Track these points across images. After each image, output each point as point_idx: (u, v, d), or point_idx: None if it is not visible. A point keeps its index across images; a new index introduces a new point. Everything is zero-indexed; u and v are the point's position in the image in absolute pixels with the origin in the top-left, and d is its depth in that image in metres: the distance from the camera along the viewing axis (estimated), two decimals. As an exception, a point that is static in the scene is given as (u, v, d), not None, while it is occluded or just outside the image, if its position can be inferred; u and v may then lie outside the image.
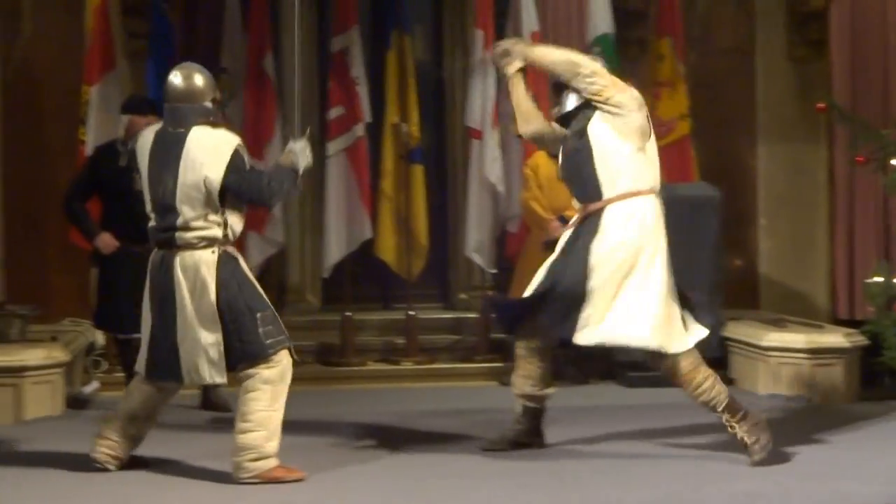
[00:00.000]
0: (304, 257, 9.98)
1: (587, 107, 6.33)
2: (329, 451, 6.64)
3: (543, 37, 9.27)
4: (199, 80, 6.07)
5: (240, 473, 5.89)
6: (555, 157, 6.62)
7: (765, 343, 8.45)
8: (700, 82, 9.96)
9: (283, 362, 5.98)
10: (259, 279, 9.04)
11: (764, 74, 10.22)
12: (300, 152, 6.08)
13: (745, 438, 6.18)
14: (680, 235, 8.50)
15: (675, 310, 6.23)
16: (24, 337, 8.14)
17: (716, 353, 8.69)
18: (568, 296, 6.18)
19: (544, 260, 6.55)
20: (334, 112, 9.26)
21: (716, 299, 8.70)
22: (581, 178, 6.32)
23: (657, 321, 6.12)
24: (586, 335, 6.16)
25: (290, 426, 6.96)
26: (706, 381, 6.18)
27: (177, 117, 6.02)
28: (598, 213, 6.24)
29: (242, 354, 5.92)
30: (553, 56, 6.43)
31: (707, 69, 10.10)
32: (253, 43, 9.15)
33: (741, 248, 10.12)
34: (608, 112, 6.24)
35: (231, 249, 6.05)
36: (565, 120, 6.46)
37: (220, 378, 5.97)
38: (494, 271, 9.42)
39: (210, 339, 5.89)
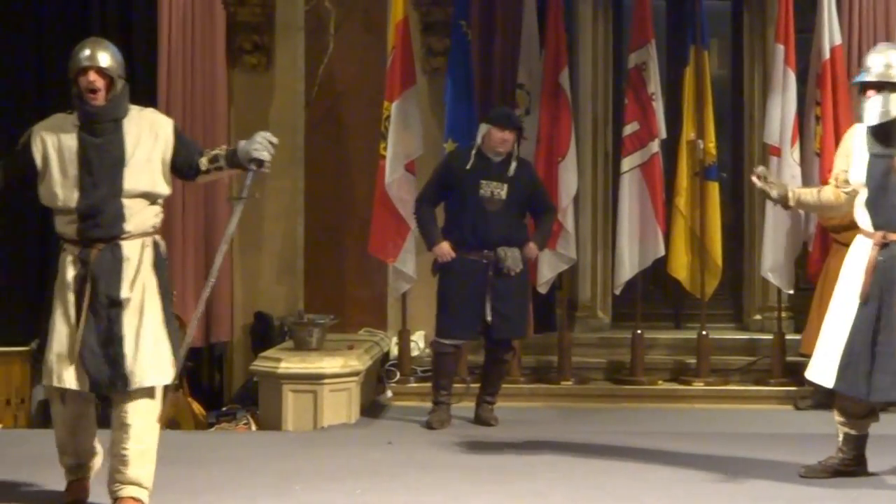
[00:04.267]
0: (596, 274, 9.94)
1: None
2: (619, 468, 6.57)
3: (847, 51, 9.02)
4: None
5: None
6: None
7: None
8: None
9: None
10: (548, 295, 9.20)
11: None
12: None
13: None
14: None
15: None
16: (322, 346, 8.38)
17: None
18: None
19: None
20: (629, 128, 9.17)
21: None
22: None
23: None
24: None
25: (578, 443, 6.97)
26: None
27: None
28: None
29: None
30: None
31: None
32: (549, 59, 9.16)
33: None
34: None
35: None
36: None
37: None
38: (791, 292, 9.16)
39: None
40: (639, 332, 9.15)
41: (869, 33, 9.16)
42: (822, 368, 6.15)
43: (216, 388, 9.60)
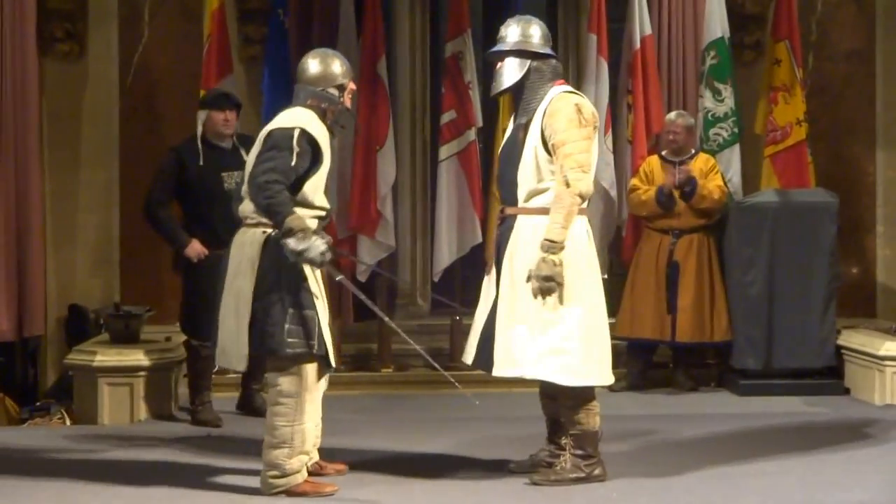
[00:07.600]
0: (415, 261, 10.00)
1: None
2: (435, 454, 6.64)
3: (657, 41, 9.24)
4: (314, 65, 6.13)
5: (265, 489, 5.78)
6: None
7: (881, 353, 8.25)
8: (817, 87, 9.81)
9: (301, 373, 5.73)
10: (368, 282, 9.22)
11: (884, 78, 9.97)
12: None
13: (564, 464, 5.99)
14: (796, 242, 8.51)
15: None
16: (139, 338, 8.24)
17: (830, 363, 8.57)
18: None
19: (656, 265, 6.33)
20: (447, 116, 9.26)
21: (831, 307, 8.57)
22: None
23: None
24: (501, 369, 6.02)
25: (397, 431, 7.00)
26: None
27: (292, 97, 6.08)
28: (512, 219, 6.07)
29: (261, 344, 5.72)
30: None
31: (825, 73, 9.92)
32: (366, 48, 9.20)
33: (858, 255, 9.90)
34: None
35: None
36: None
37: (239, 365, 5.85)
38: (605, 277, 9.32)
39: (236, 323, 5.77)
40: (457, 318, 9.23)
41: (678, 22, 9.39)
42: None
43: (30, 383, 9.39)
